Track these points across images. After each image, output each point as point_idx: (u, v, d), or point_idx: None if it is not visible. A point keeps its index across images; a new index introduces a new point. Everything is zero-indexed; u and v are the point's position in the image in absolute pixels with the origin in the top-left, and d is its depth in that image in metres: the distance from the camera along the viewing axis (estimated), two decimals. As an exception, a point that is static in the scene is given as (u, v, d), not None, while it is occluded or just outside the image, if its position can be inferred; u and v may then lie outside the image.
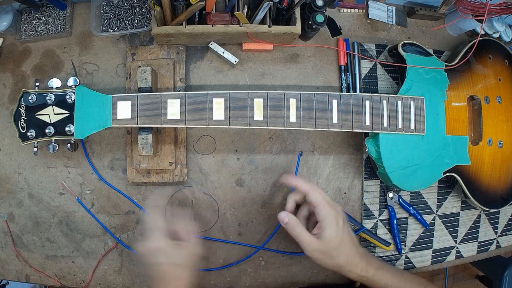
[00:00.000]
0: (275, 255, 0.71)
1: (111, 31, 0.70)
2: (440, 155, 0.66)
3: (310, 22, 0.66)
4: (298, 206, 0.63)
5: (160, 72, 0.67)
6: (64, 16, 0.70)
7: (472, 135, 0.71)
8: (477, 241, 0.80)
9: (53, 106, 0.56)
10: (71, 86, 0.57)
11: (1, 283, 0.91)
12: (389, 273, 0.60)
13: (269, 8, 0.62)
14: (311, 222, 0.62)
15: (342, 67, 0.74)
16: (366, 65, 0.75)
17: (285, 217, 0.58)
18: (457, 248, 0.79)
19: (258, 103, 0.58)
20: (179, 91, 0.68)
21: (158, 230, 0.52)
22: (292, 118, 0.59)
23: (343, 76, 0.74)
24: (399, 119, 0.63)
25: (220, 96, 0.57)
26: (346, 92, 0.73)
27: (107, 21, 0.70)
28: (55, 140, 0.58)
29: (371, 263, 0.59)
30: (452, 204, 0.78)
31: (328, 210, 0.55)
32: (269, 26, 0.64)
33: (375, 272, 0.58)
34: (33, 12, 0.70)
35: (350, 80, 0.74)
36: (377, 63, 0.75)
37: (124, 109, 0.57)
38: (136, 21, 0.70)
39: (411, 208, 0.74)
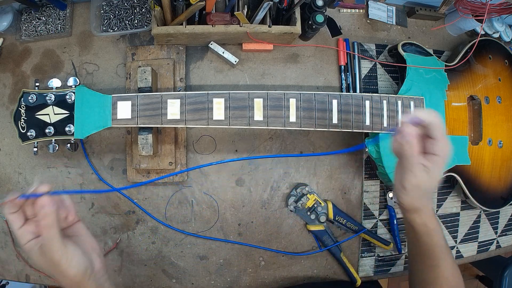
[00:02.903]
0: (275, 255, 0.71)
1: (111, 31, 0.70)
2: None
3: (310, 22, 0.66)
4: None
5: (160, 72, 0.67)
6: (64, 16, 0.70)
7: (472, 135, 0.71)
8: (477, 241, 0.80)
9: (53, 106, 0.56)
10: (71, 86, 0.57)
11: (1, 283, 0.91)
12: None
13: (269, 8, 0.62)
14: None
15: (342, 67, 0.74)
16: (366, 65, 0.75)
17: (412, 130, 0.43)
18: (457, 248, 0.78)
19: (258, 103, 0.58)
20: (179, 91, 0.68)
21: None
22: (292, 118, 0.59)
23: (343, 76, 0.74)
24: (399, 119, 0.63)
25: (220, 96, 0.57)
26: (346, 92, 0.73)
27: (107, 21, 0.70)
28: (55, 140, 0.58)
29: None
30: (452, 204, 0.78)
31: (448, 147, 0.45)
32: (269, 26, 0.64)
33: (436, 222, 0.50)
34: (33, 12, 0.70)
35: (350, 80, 0.74)
36: (377, 63, 0.75)
37: (124, 109, 0.57)
38: (136, 21, 0.70)
39: (411, 208, 0.74)
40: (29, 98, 0.56)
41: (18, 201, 0.40)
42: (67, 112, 0.56)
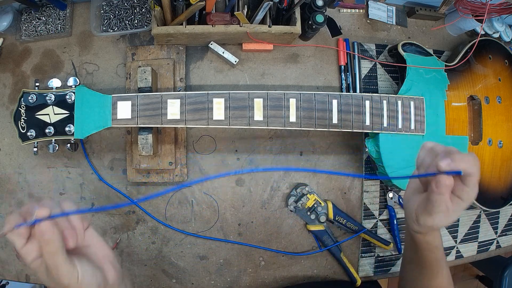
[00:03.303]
0: (275, 255, 0.71)
1: (111, 31, 0.70)
2: (440, 155, 0.66)
3: (310, 22, 0.66)
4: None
5: (160, 72, 0.67)
6: (64, 16, 0.70)
7: (472, 135, 0.71)
8: (477, 241, 0.80)
9: (53, 106, 0.56)
10: (71, 86, 0.57)
11: (1, 283, 0.91)
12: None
13: (269, 8, 0.62)
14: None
15: (342, 67, 0.74)
16: (366, 65, 0.75)
17: (449, 183, 0.39)
18: (457, 248, 0.78)
19: (258, 103, 0.58)
20: (179, 91, 0.68)
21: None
22: (292, 118, 0.59)
23: (343, 76, 0.74)
24: (399, 119, 0.63)
25: (220, 96, 0.57)
26: (346, 92, 0.73)
27: (107, 21, 0.70)
28: (55, 140, 0.58)
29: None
30: (452, 204, 0.78)
31: (475, 195, 0.41)
32: (269, 26, 0.64)
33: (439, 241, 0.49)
34: (33, 12, 0.70)
35: (350, 80, 0.74)
36: (377, 63, 0.75)
37: (124, 109, 0.57)
38: (136, 21, 0.70)
39: (411, 208, 0.74)
40: (29, 98, 0.56)
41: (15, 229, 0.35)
42: (67, 112, 0.56)
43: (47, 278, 0.37)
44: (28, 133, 0.57)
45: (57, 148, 0.59)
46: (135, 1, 0.70)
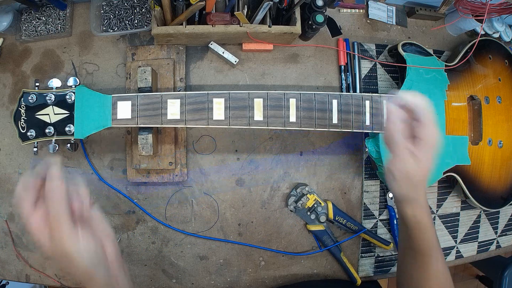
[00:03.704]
0: (275, 255, 0.71)
1: (111, 31, 0.70)
2: (440, 155, 0.66)
3: (310, 22, 0.66)
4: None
5: (160, 72, 0.67)
6: (64, 16, 0.70)
7: (472, 135, 0.71)
8: (477, 241, 0.80)
9: (53, 106, 0.56)
10: (71, 86, 0.57)
11: (1, 283, 0.91)
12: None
13: (269, 8, 0.62)
14: None
15: (342, 67, 0.74)
16: (366, 65, 0.75)
17: (396, 110, 0.43)
18: (457, 248, 0.79)
19: (258, 103, 0.58)
20: (179, 91, 0.68)
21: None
22: (292, 118, 0.59)
23: (343, 76, 0.74)
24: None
25: (220, 96, 0.57)
26: (346, 92, 0.73)
27: (107, 21, 0.70)
28: (55, 140, 0.58)
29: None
30: (452, 204, 0.78)
31: (434, 131, 0.43)
32: (269, 26, 0.64)
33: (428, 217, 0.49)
34: (33, 12, 0.70)
35: (350, 80, 0.74)
36: (377, 63, 0.75)
37: (124, 109, 0.57)
38: (136, 21, 0.70)
39: (411, 208, 0.74)
40: (29, 98, 0.56)
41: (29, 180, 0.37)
42: (67, 112, 0.56)
43: (49, 244, 0.37)
44: (28, 133, 0.57)
45: (57, 148, 0.58)
46: (135, 1, 0.70)
